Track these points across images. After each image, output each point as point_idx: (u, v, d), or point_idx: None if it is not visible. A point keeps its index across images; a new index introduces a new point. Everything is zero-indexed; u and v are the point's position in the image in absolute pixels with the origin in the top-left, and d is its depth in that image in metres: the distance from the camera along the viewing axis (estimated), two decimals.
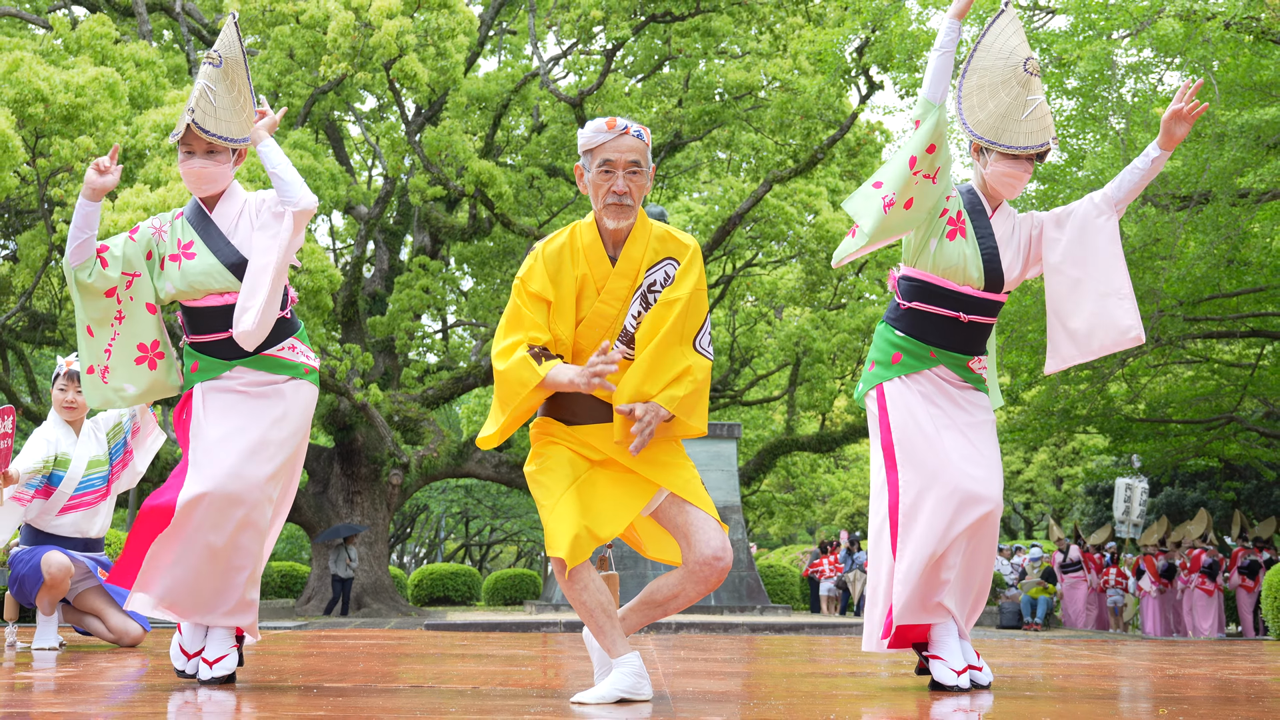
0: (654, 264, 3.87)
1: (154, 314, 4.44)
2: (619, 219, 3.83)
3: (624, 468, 3.84)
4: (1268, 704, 4.10)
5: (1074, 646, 8.81)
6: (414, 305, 20.00)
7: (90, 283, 4.33)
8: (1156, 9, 12.84)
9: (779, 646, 8.06)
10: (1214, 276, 16.05)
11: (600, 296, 3.86)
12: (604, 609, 3.76)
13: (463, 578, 26.31)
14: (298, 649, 6.72)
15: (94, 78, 14.02)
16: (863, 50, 17.79)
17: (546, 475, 3.82)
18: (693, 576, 3.78)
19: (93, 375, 4.42)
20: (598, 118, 3.95)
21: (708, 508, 3.84)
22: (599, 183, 3.83)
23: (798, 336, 22.41)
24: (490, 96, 19.88)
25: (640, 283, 3.87)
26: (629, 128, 3.83)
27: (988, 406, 4.51)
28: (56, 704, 3.78)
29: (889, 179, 4.27)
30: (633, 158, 3.82)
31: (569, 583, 3.72)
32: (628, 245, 3.87)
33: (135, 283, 4.39)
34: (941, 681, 4.28)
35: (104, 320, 4.40)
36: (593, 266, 3.86)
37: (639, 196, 3.86)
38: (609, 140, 3.81)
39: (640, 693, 3.73)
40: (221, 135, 4.33)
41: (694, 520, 3.80)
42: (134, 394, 4.46)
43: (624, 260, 3.86)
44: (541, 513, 3.82)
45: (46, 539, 6.53)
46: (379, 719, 3.33)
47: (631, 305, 3.87)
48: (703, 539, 3.77)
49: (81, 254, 4.30)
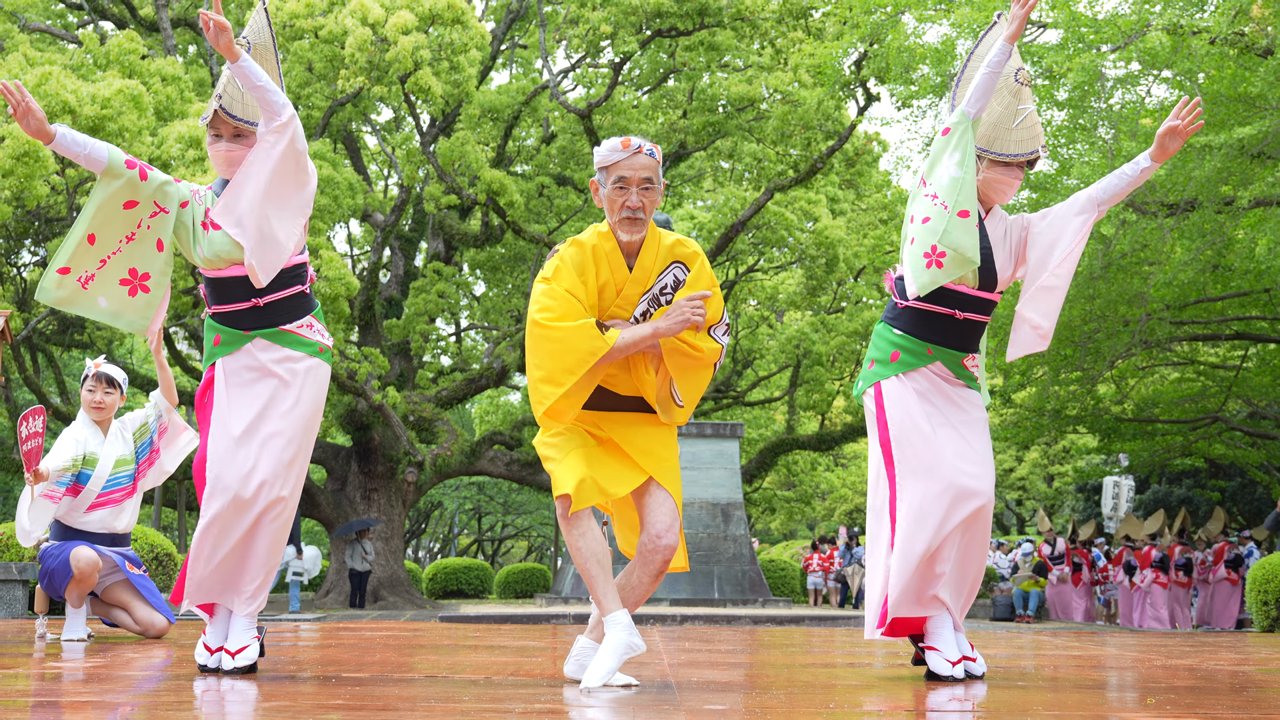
0: (663, 269, 4.04)
1: (161, 251, 4.37)
2: (633, 232, 3.98)
3: (621, 451, 4.04)
4: (1252, 693, 4.15)
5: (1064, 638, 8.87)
6: (429, 309, 20.31)
7: (114, 189, 4.26)
8: (1144, 23, 12.99)
9: (780, 638, 8.07)
10: (1200, 281, 16.17)
11: (617, 301, 4.02)
12: (598, 559, 3.86)
13: (475, 572, 26.61)
14: (317, 640, 6.68)
15: (119, 90, 14.32)
16: (861, 63, 18.04)
17: (557, 438, 4.00)
18: (641, 559, 3.95)
19: (68, 276, 4.26)
20: (613, 137, 4.19)
21: (672, 490, 4.01)
22: (614, 198, 3.97)
23: (798, 339, 22.55)
24: (502, 108, 20.20)
25: (650, 286, 4.04)
26: (642, 147, 3.98)
27: (981, 404, 4.55)
28: (85, 693, 3.78)
29: (971, 204, 4.26)
30: (646, 175, 3.97)
31: (570, 524, 3.85)
32: (641, 254, 4.03)
33: (160, 218, 4.35)
34: (937, 672, 4.32)
35: (112, 235, 4.30)
36: (614, 273, 4.01)
37: (650, 210, 4.00)
38: (624, 159, 3.97)
39: (636, 647, 3.82)
40: (248, 120, 4.34)
41: (651, 502, 3.99)
42: (105, 309, 4.34)
43: (639, 268, 4.02)
44: (548, 465, 3.98)
45: (75, 535, 6.49)
46: (395, 708, 3.32)
47: (638, 307, 4.04)
48: (651, 519, 3.96)
49: (92, 167, 4.26)
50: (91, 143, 4.25)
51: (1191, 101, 4.34)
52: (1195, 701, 3.81)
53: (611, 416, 4.08)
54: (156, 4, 18.90)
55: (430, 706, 3.36)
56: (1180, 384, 21.01)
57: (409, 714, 3.20)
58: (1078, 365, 17.36)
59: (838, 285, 23.38)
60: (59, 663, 4.99)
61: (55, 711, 3.31)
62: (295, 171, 4.30)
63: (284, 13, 16.61)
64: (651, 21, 18.38)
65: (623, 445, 4.05)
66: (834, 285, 23.22)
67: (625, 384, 4.11)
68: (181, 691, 3.82)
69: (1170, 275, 15.18)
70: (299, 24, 16.70)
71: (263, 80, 4.18)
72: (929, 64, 14.63)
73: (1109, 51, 13.63)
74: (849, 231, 22.87)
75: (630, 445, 4.04)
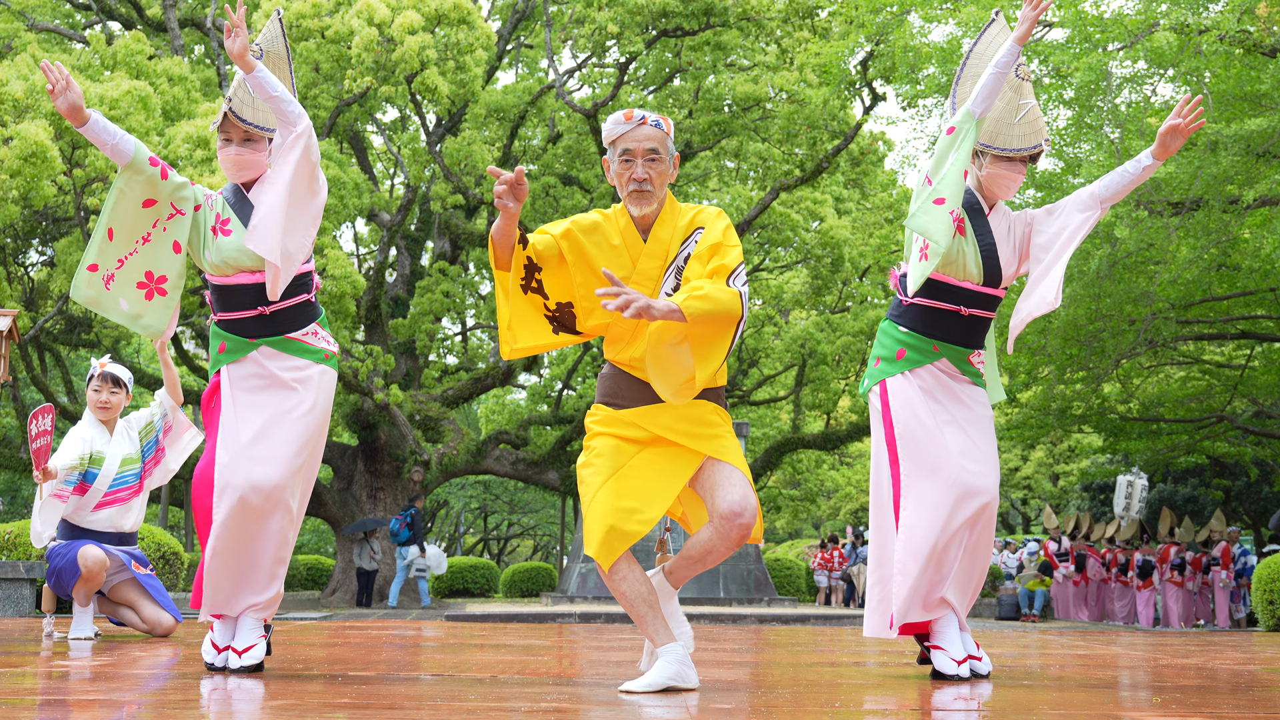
0: (684, 239, 3.90)
1: (177, 253, 4.38)
2: (641, 205, 3.87)
3: (670, 443, 3.85)
4: (1258, 692, 4.17)
5: (1070, 637, 8.85)
6: (434, 309, 20.33)
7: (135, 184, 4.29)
8: (1151, 22, 13.06)
9: (785, 637, 8.08)
10: (1205, 280, 16.22)
11: (634, 277, 3.88)
12: (644, 599, 3.77)
13: (481, 571, 26.60)
14: (323, 639, 6.67)
15: (127, 91, 14.40)
16: (866, 63, 18.06)
17: (588, 471, 3.87)
18: (717, 532, 3.77)
19: (96, 274, 4.30)
20: (617, 111, 4.02)
21: (739, 466, 3.82)
22: (621, 172, 3.88)
23: (803, 339, 22.56)
24: (508, 108, 20.25)
25: (673, 259, 3.89)
26: (646, 117, 3.88)
27: (986, 402, 4.55)
28: (92, 691, 3.79)
29: (951, 193, 4.26)
30: (650, 145, 3.86)
31: (608, 577, 3.76)
32: (656, 228, 3.91)
33: (177, 220, 4.37)
34: (942, 671, 4.33)
35: (129, 233, 4.32)
36: (629, 246, 3.90)
37: (660, 183, 3.87)
38: (627, 131, 3.87)
39: (687, 681, 3.75)
40: (258, 124, 4.38)
41: (719, 477, 3.80)
42: (125, 311, 4.35)
43: (653, 241, 3.90)
44: (582, 508, 3.87)
45: (82, 534, 6.53)
46: (401, 706, 3.33)
47: (665, 283, 3.89)
48: (722, 494, 3.76)
49: (117, 158, 4.29)
50: (121, 134, 4.28)
51: (1193, 99, 4.36)
52: (1201, 700, 3.80)
53: (651, 410, 3.89)
54: (164, 4, 18.95)
55: (436, 705, 3.37)
56: (1185, 383, 20.99)
57: (415, 712, 3.20)
58: (1083, 364, 17.37)
59: (843, 285, 23.39)
60: (66, 661, 4.99)
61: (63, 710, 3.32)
62: (309, 183, 4.33)
63: (290, 13, 16.64)
64: (657, 21, 18.40)
65: (669, 436, 3.85)
66: (839, 285, 23.23)
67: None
68: (188, 690, 3.83)
69: (1176, 274, 15.18)
70: (306, 24, 16.74)
71: (278, 90, 4.21)
72: (934, 63, 14.64)
73: (1115, 50, 13.62)
74: (854, 231, 22.88)
75: (677, 434, 3.85)
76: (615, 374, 3.97)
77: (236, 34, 4.13)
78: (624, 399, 3.92)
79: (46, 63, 4.18)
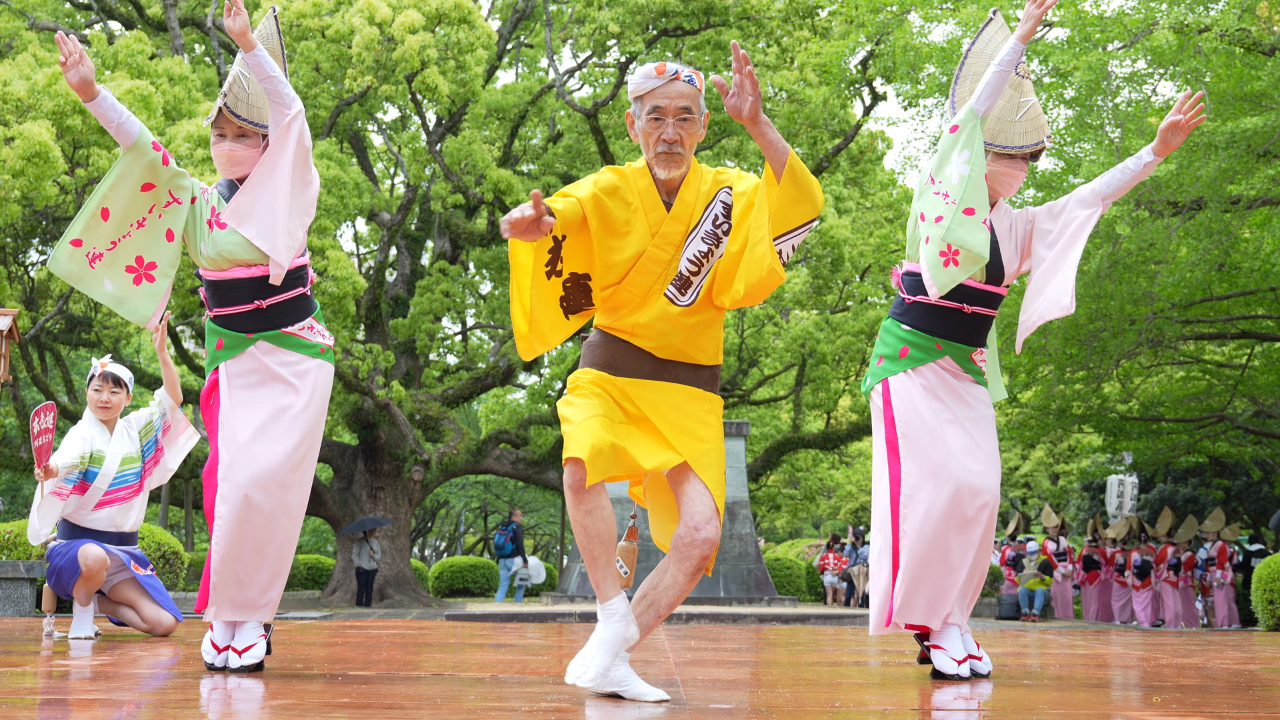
0: (708, 202, 3.64)
1: (170, 241, 4.35)
2: (670, 168, 3.60)
3: (655, 430, 3.63)
4: (1257, 692, 4.17)
5: (1070, 637, 8.92)
6: (435, 308, 20.36)
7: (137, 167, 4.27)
8: (1151, 22, 13.02)
9: (785, 636, 8.09)
10: (1206, 280, 16.16)
11: (654, 240, 3.62)
12: (603, 540, 3.46)
13: (481, 570, 26.66)
14: (323, 638, 6.69)
15: (128, 90, 14.43)
16: (867, 62, 18.10)
17: (579, 396, 3.61)
18: (676, 553, 3.55)
19: (79, 249, 4.25)
20: (647, 63, 3.88)
21: (710, 482, 3.58)
22: (649, 130, 3.59)
23: (803, 338, 22.58)
24: (508, 108, 20.33)
25: (696, 222, 3.63)
26: (679, 72, 3.58)
27: (988, 400, 4.54)
28: (92, 690, 3.80)
29: (979, 201, 4.23)
30: (683, 104, 3.56)
31: (579, 499, 3.43)
32: (682, 190, 3.64)
33: (173, 208, 4.36)
34: (943, 670, 4.33)
35: (124, 215, 4.28)
36: (648, 210, 3.63)
37: (690, 145, 3.60)
38: (659, 86, 3.57)
39: (630, 636, 3.52)
40: (252, 120, 4.38)
41: (687, 492, 3.58)
42: (109, 293, 4.31)
43: (679, 204, 3.63)
44: (564, 428, 3.53)
45: (83, 533, 6.53)
46: (401, 706, 3.32)
47: (687, 247, 3.63)
48: (688, 511, 3.54)
49: (121, 137, 4.26)
50: (128, 114, 4.28)
51: (1194, 96, 4.36)
52: (1201, 700, 3.82)
53: (646, 386, 3.65)
54: (164, 3, 18.97)
55: (436, 705, 3.37)
56: (1186, 382, 20.96)
57: (415, 712, 3.20)
58: (1083, 364, 17.38)
59: (843, 284, 23.40)
60: (66, 660, 5.00)
61: (63, 709, 3.32)
62: (302, 170, 4.35)
63: (291, 12, 16.67)
64: (658, 21, 18.45)
65: (657, 423, 3.61)
66: (839, 284, 23.24)
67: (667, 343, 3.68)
68: (188, 689, 3.83)
69: (1176, 274, 15.18)
70: (306, 23, 16.78)
71: (275, 71, 4.24)
72: (935, 63, 14.64)
73: (1115, 50, 13.60)
74: (854, 230, 22.87)
75: (665, 423, 3.61)
76: (610, 341, 3.70)
77: (237, 12, 4.13)
78: (619, 369, 3.67)
79: (61, 35, 4.17)
